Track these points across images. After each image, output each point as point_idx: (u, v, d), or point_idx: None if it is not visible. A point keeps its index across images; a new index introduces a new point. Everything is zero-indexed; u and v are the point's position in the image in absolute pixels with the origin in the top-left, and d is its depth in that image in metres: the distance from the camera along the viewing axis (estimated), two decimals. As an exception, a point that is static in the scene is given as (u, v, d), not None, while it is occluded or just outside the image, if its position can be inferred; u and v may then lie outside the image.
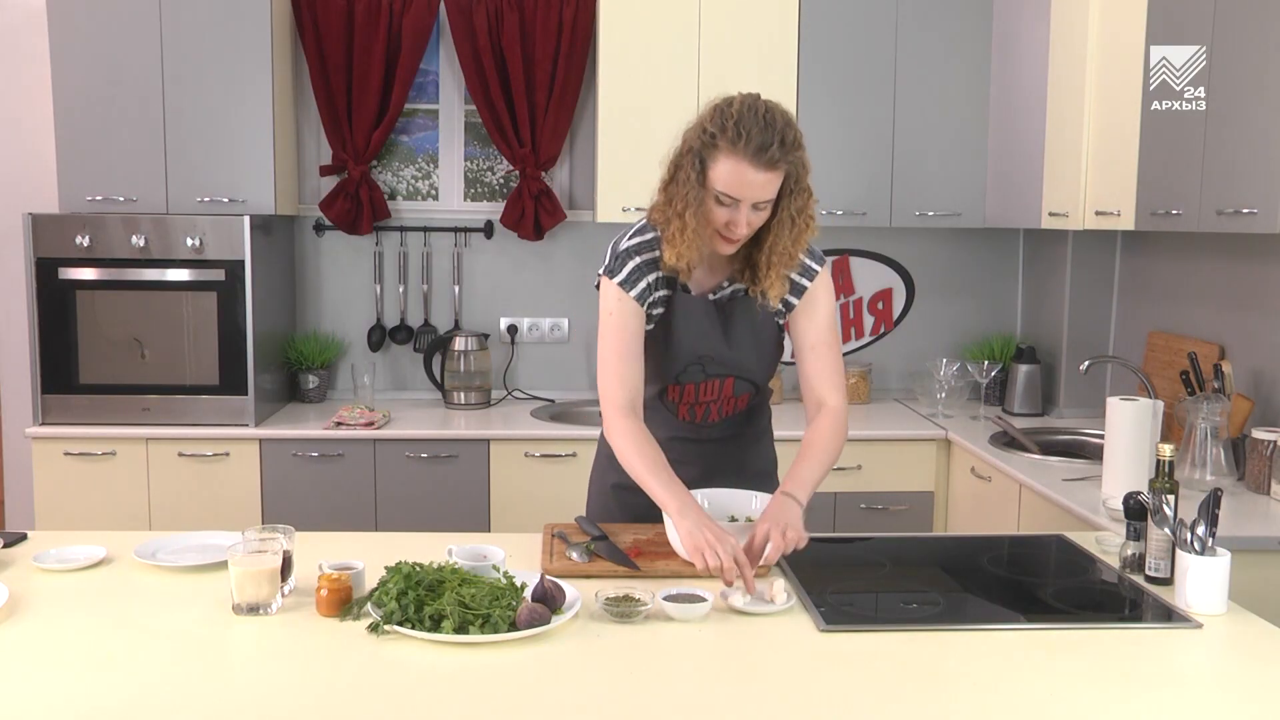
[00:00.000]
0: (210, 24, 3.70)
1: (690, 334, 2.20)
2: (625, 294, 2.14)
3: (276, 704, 1.57)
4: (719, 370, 2.23)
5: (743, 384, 2.28)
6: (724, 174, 2.00)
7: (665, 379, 2.25)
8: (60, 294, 3.63)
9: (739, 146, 1.97)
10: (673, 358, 2.22)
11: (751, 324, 2.23)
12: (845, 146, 3.96)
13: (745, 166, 1.97)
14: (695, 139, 2.04)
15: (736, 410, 2.32)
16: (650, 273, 2.16)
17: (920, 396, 4.20)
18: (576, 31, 3.99)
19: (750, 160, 1.97)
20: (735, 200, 2.01)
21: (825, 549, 2.41)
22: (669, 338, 2.21)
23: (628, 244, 2.18)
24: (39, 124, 4.02)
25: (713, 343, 2.21)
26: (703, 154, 2.02)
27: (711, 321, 2.20)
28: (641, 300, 2.16)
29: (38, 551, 2.14)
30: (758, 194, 2.00)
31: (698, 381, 2.24)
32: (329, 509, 3.64)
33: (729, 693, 1.62)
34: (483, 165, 4.26)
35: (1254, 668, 1.76)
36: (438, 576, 1.84)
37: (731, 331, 2.22)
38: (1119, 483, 2.67)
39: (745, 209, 2.02)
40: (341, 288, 4.25)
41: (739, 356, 2.23)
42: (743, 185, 1.99)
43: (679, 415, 2.31)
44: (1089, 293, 3.93)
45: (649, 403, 2.28)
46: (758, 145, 1.96)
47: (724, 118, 2.00)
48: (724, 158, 1.99)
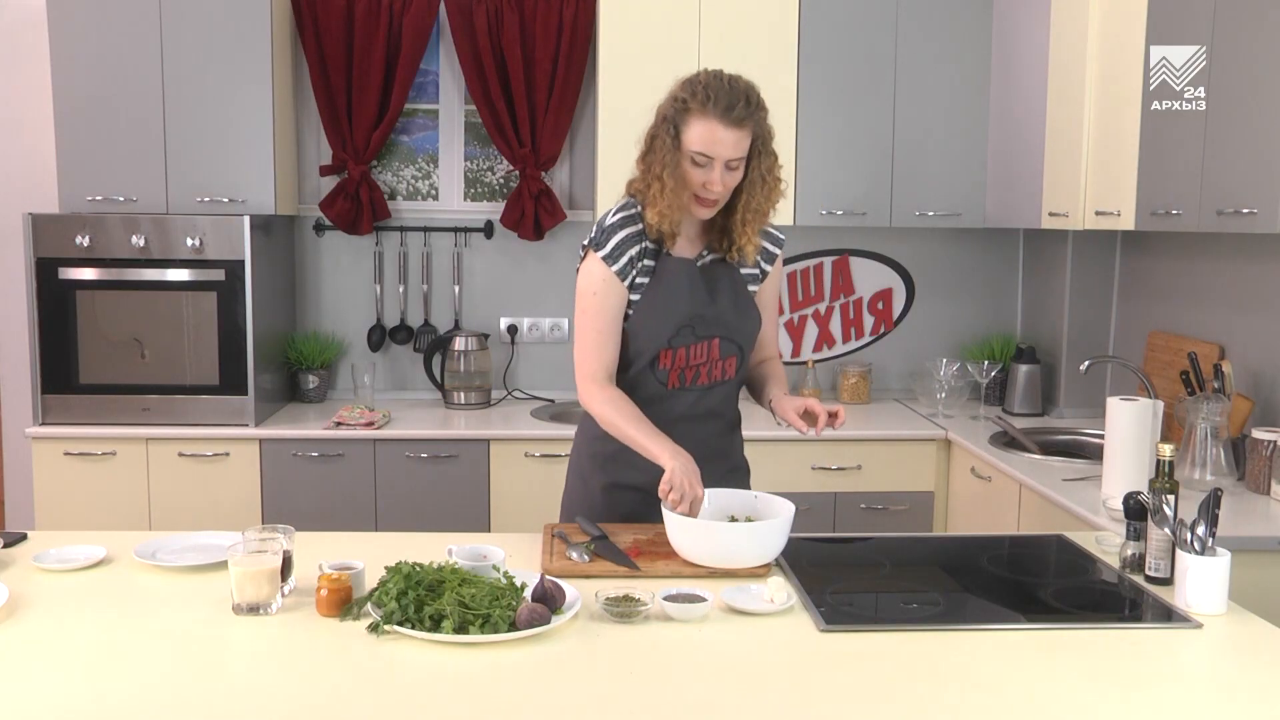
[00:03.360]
0: (210, 24, 3.70)
1: (679, 295, 2.28)
2: (609, 271, 2.26)
3: (276, 704, 1.57)
4: (707, 331, 2.31)
5: (728, 345, 2.34)
6: (697, 135, 2.16)
7: (658, 344, 2.30)
8: (60, 294, 3.63)
9: (708, 107, 2.15)
10: (665, 321, 2.28)
11: (732, 286, 2.35)
12: (845, 146, 3.96)
13: (716, 125, 2.14)
14: (668, 108, 2.21)
15: (725, 375, 2.35)
16: (635, 244, 2.27)
17: (920, 396, 4.20)
18: (576, 31, 3.99)
19: (720, 119, 2.14)
20: (709, 159, 2.16)
21: (825, 549, 2.42)
22: (659, 301, 2.28)
23: (613, 219, 2.29)
24: (39, 124, 4.03)
25: (700, 303, 2.30)
26: (676, 120, 2.19)
27: (696, 283, 2.30)
28: (624, 274, 2.27)
29: (38, 551, 2.14)
30: (729, 151, 2.16)
31: (689, 345, 2.31)
32: (329, 509, 3.64)
33: (729, 693, 1.62)
34: (483, 165, 4.26)
35: (1254, 668, 1.76)
36: (438, 576, 1.84)
37: (716, 292, 2.32)
38: (1119, 483, 2.67)
39: (719, 168, 2.17)
40: (341, 288, 4.25)
41: (724, 315, 2.32)
42: (715, 143, 2.15)
43: (669, 384, 2.33)
44: (1089, 293, 3.93)
45: (639, 377, 2.33)
46: (725, 105, 2.14)
47: (693, 85, 2.19)
48: (695, 120, 2.16)
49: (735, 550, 2.06)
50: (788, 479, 3.61)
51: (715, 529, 2.09)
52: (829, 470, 3.73)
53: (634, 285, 2.29)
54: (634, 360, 2.32)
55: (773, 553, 2.09)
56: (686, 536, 2.08)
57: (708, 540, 2.07)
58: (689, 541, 2.08)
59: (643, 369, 2.32)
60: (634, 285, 2.29)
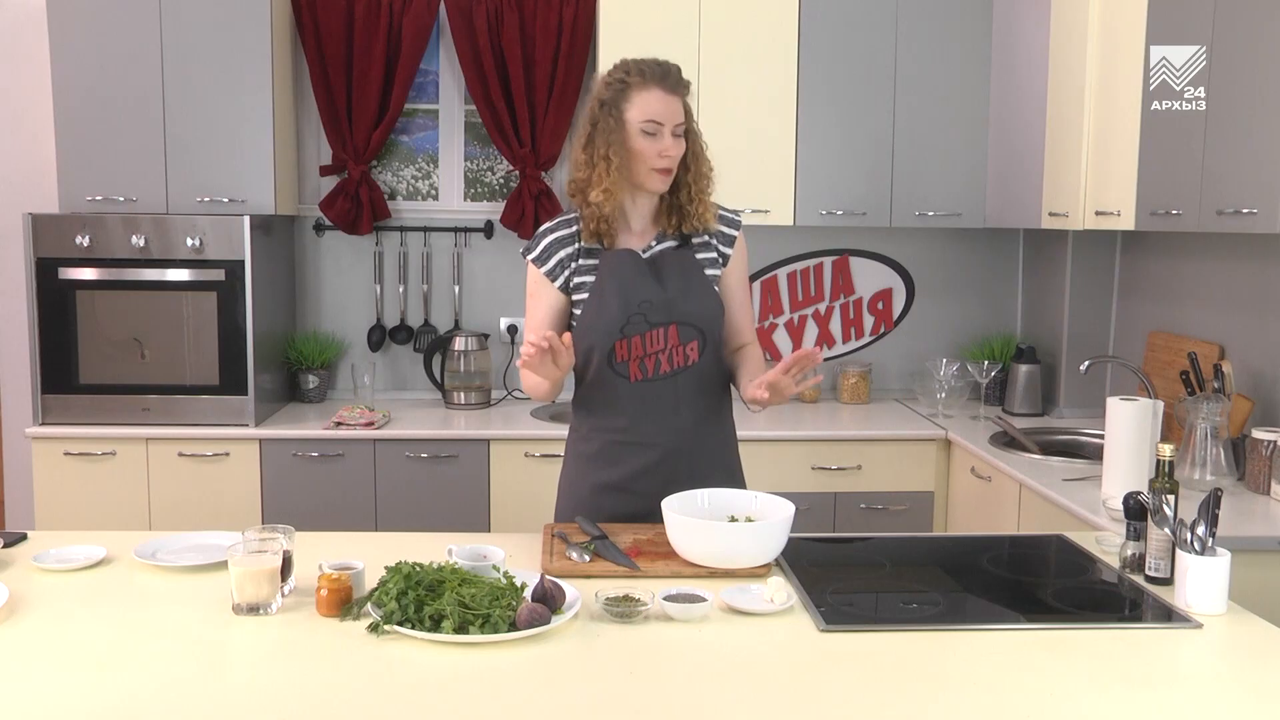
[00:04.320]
0: (210, 24, 3.70)
1: (623, 284, 2.31)
2: (539, 273, 2.35)
3: (276, 704, 1.57)
4: (661, 318, 2.32)
5: (687, 330, 2.33)
6: (642, 106, 2.27)
7: (611, 335, 2.30)
8: (60, 294, 3.63)
9: (647, 78, 2.27)
10: (613, 311, 2.30)
11: (682, 270, 2.36)
12: (845, 146, 3.96)
13: (658, 92, 2.27)
14: (605, 93, 2.30)
15: (688, 361, 2.34)
16: (564, 247, 2.34)
17: (920, 396, 4.20)
18: (576, 31, 3.99)
19: (659, 85, 2.27)
20: (659, 125, 2.26)
21: (825, 549, 2.42)
22: (605, 294, 2.31)
23: (546, 225, 2.39)
24: (39, 124, 4.03)
25: (648, 289, 2.31)
26: (617, 100, 2.28)
27: (642, 271, 2.33)
28: (554, 275, 2.34)
29: (38, 551, 2.14)
30: (675, 115, 2.28)
31: (643, 332, 2.31)
32: (329, 509, 3.64)
33: (729, 693, 1.62)
34: (483, 165, 4.27)
35: (1254, 668, 1.76)
36: (438, 576, 1.84)
37: (664, 278, 2.34)
38: (1119, 483, 2.67)
39: (668, 134, 2.27)
40: (341, 288, 4.25)
41: (676, 300, 2.32)
42: (662, 110, 2.26)
43: (630, 376, 2.32)
44: (1089, 293, 3.93)
45: (599, 376, 2.34)
46: (662, 74, 2.28)
47: (625, 68, 2.31)
48: (637, 93, 2.27)
49: (735, 550, 2.06)
50: (788, 479, 3.61)
51: (715, 529, 2.09)
52: (829, 470, 3.74)
53: (573, 286, 2.33)
54: (592, 358, 2.33)
55: (773, 553, 2.09)
56: (686, 536, 2.08)
57: (708, 540, 2.07)
58: (689, 541, 2.08)
59: (601, 365, 2.32)
60: (573, 286, 2.33)
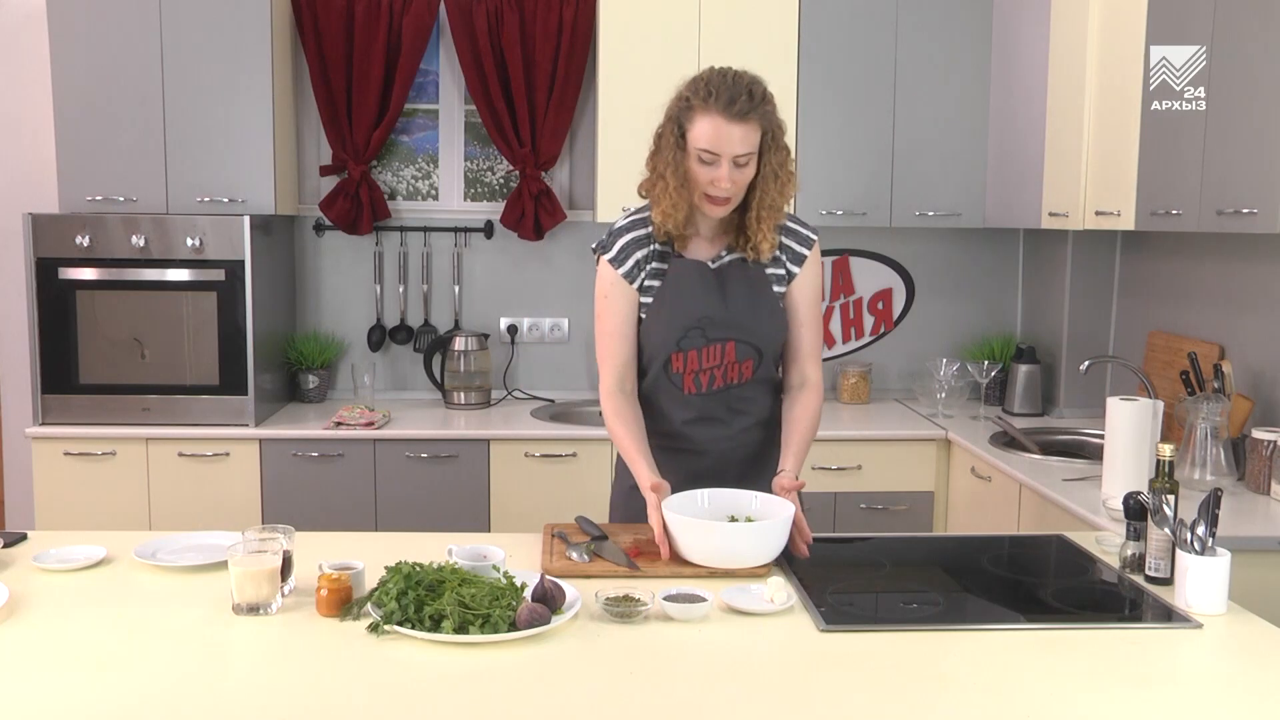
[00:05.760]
0: (210, 24, 3.70)
1: (687, 297, 2.27)
2: (616, 273, 2.28)
3: (276, 704, 1.57)
4: (719, 334, 2.28)
5: (744, 348, 2.30)
6: (701, 132, 2.14)
7: (668, 347, 2.29)
8: (60, 294, 3.63)
9: (710, 103, 2.13)
10: (673, 324, 2.27)
11: (749, 286, 2.30)
12: (845, 146, 3.96)
13: (719, 120, 2.12)
14: (674, 107, 2.21)
15: (742, 378, 2.33)
16: (640, 248, 2.28)
17: (920, 396, 4.20)
18: (576, 31, 3.99)
19: (723, 113, 2.12)
20: (716, 156, 2.14)
21: (825, 549, 2.41)
22: (667, 304, 2.28)
23: (622, 223, 2.32)
24: (39, 124, 4.03)
25: (710, 305, 2.27)
26: (680, 119, 2.18)
27: (708, 285, 2.28)
28: (631, 277, 2.28)
29: (38, 551, 2.14)
30: (735, 147, 2.13)
31: (699, 347, 2.29)
32: (329, 509, 3.64)
33: (729, 693, 1.62)
34: (483, 165, 4.26)
35: (1254, 668, 1.76)
36: (438, 576, 1.84)
37: (728, 294, 2.28)
38: (1119, 483, 2.67)
39: (726, 165, 2.14)
40: (341, 288, 4.25)
41: (737, 317, 2.28)
42: (719, 139, 2.13)
43: (684, 388, 2.32)
44: (1089, 293, 3.93)
45: (656, 381, 2.33)
46: (727, 99, 2.12)
47: (696, 84, 2.18)
48: (699, 117, 2.14)
49: (735, 550, 2.06)
50: (788, 479, 3.61)
51: (715, 529, 2.09)
52: (829, 470, 3.73)
53: (644, 288, 2.29)
54: (649, 364, 2.33)
55: (773, 553, 2.09)
56: (686, 536, 2.08)
57: (708, 540, 2.07)
58: (689, 541, 2.08)
59: (658, 373, 2.32)
60: (644, 288, 2.29)
